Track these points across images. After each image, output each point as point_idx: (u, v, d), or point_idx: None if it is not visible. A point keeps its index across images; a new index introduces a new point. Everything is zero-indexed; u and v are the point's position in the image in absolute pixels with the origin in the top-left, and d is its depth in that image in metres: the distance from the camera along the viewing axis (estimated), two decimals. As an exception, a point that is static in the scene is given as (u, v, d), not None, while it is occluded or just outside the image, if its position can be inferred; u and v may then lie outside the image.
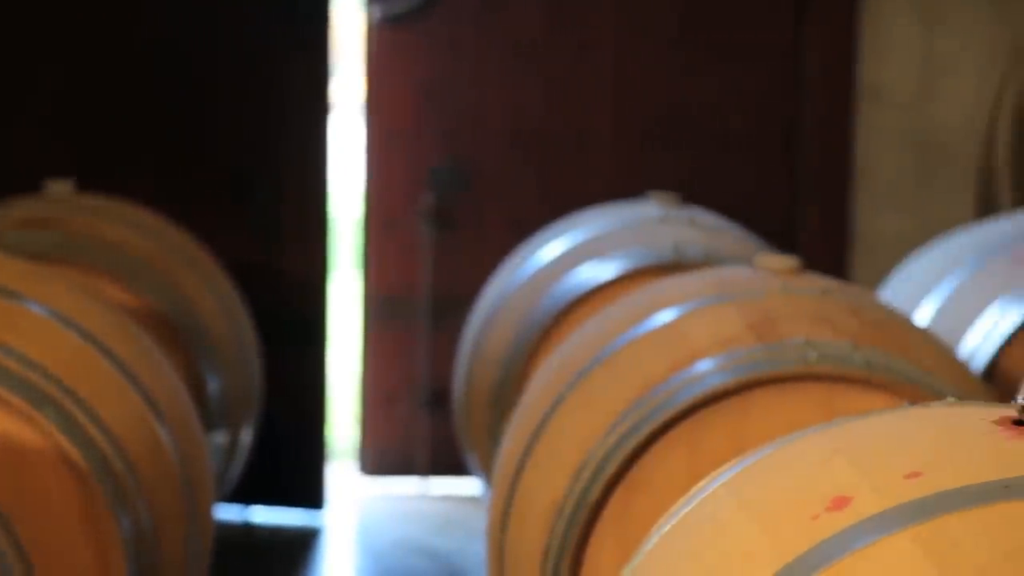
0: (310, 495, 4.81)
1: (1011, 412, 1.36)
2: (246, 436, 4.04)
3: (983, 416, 1.36)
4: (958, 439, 1.32)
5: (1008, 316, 3.47)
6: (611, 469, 2.28)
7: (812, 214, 5.52)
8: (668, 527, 1.45)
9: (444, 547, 4.56)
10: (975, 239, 3.90)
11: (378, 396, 5.24)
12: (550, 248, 3.90)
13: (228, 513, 4.65)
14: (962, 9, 5.48)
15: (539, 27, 5.32)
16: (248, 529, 4.67)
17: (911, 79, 5.51)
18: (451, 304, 5.09)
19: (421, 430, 5.17)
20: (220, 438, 3.80)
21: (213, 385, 3.74)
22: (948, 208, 5.48)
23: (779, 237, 4.79)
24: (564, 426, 2.45)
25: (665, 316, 2.54)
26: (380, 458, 5.21)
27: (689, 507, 1.44)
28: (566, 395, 2.49)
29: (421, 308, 5.20)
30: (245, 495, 4.59)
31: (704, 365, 2.34)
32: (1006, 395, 3.09)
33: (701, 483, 1.49)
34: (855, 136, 5.52)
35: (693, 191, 4.67)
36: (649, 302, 2.63)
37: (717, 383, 2.30)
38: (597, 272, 3.55)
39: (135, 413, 2.54)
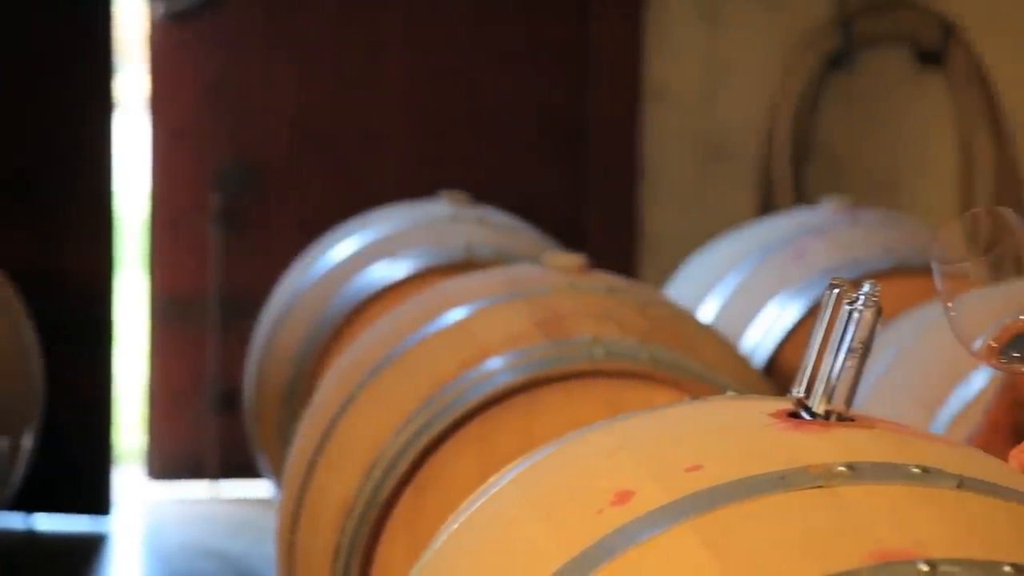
0: (96, 501, 4.71)
1: (787, 405, 1.40)
2: (27, 441, 3.94)
3: (761, 409, 1.39)
4: (737, 432, 1.36)
5: (787, 311, 3.56)
6: (402, 468, 2.29)
7: (600, 213, 5.59)
8: (456, 525, 1.46)
9: (234, 550, 4.52)
10: (756, 236, 3.99)
11: (166, 399, 5.16)
12: (341, 248, 3.89)
13: (10, 521, 4.53)
14: (743, 10, 5.60)
15: (328, 26, 5.29)
16: (31, 537, 4.56)
17: (694, 79, 5.61)
18: (240, 305, 5.04)
19: (211, 432, 5.10)
20: None
21: (-7, 390, 3.65)
22: (731, 206, 5.60)
23: (568, 235, 4.84)
24: (355, 425, 2.45)
25: (455, 315, 2.55)
26: (168, 461, 5.13)
27: (477, 504, 1.45)
28: (357, 394, 2.48)
29: (210, 309, 5.13)
30: (28, 502, 4.48)
31: (493, 363, 2.37)
32: (786, 388, 3.16)
33: (489, 480, 1.50)
34: (641, 135, 5.61)
35: (484, 190, 4.70)
36: (439, 301, 2.64)
37: (506, 381, 2.32)
38: (388, 271, 3.55)
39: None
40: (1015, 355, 1.37)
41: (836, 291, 1.37)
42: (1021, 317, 1.36)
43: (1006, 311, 1.35)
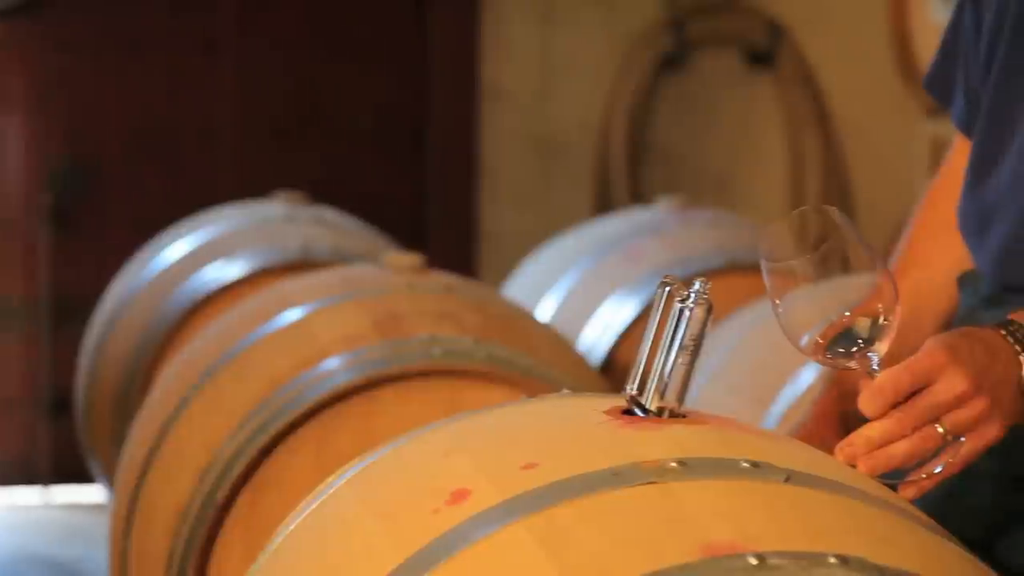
0: (-77, 508, 4.60)
1: (621, 402, 1.41)
2: None
3: (596, 407, 1.41)
4: (572, 430, 1.37)
5: (623, 310, 3.60)
6: (238, 470, 2.27)
7: (439, 212, 5.60)
8: (292, 526, 1.45)
9: (67, 556, 4.44)
10: (592, 235, 4.03)
11: (-4, 403, 5.05)
12: (175, 248, 3.84)
13: None
14: (577, 9, 5.65)
15: (161, 23, 5.22)
16: None
17: (530, 78, 5.65)
18: (72, 307, 4.95)
19: (42, 437, 5.01)
20: None
21: None
22: (569, 205, 5.64)
23: (407, 235, 4.84)
24: (190, 427, 2.42)
25: (291, 315, 2.54)
26: (-1, 467, 5.03)
27: (313, 506, 1.45)
28: (191, 396, 2.46)
29: (40, 312, 5.04)
30: None
31: (330, 364, 2.35)
32: (622, 386, 3.20)
33: (326, 481, 1.50)
34: (479, 135, 5.62)
35: (321, 190, 4.67)
36: (276, 301, 2.62)
37: (343, 381, 2.31)
38: (223, 272, 3.51)
39: None
40: (840, 351, 1.39)
41: (667, 289, 1.39)
42: (846, 314, 1.39)
43: (832, 308, 1.38)
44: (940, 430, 1.38)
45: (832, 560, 1.12)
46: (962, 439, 1.39)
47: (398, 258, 2.70)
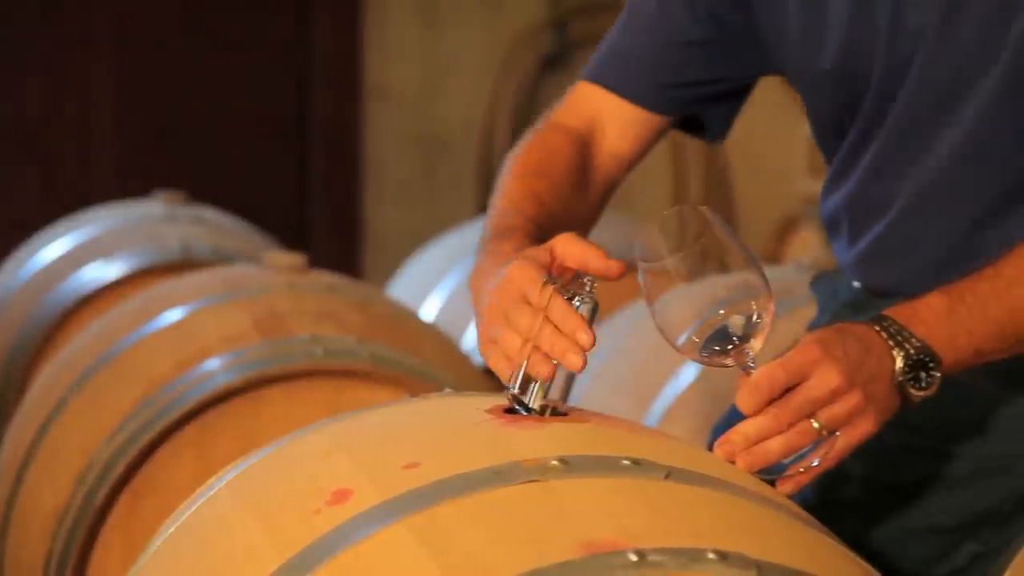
0: None
1: (504, 401, 1.41)
2: None
3: (478, 405, 1.41)
4: (454, 428, 1.37)
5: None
6: (117, 472, 2.24)
7: (324, 212, 5.58)
8: (172, 529, 1.44)
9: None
10: (477, 234, 4.03)
11: None
12: (52, 248, 3.78)
13: None
14: (461, 9, 5.65)
15: (36, 22, 5.15)
16: None
17: (414, 78, 5.64)
18: (-53, 308, 4.85)
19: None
20: None
21: None
22: (454, 204, 5.65)
23: (291, 235, 4.81)
24: (67, 430, 2.39)
25: (172, 315, 2.51)
26: None
27: (193, 508, 1.43)
28: (69, 398, 2.43)
29: (-85, 313, 4.94)
30: None
31: (211, 364, 2.33)
32: (506, 386, 3.21)
33: (206, 483, 1.49)
34: (363, 134, 5.61)
35: (202, 190, 4.63)
36: (155, 302, 2.60)
37: (224, 382, 2.30)
38: (101, 272, 3.47)
39: None
40: (716, 349, 1.41)
41: (552, 288, 1.40)
42: (720, 312, 1.40)
43: (706, 306, 1.39)
44: (815, 425, 1.39)
45: (711, 556, 1.13)
46: (837, 434, 1.41)
47: (280, 258, 2.68)
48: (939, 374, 1.44)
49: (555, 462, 1.24)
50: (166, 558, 1.40)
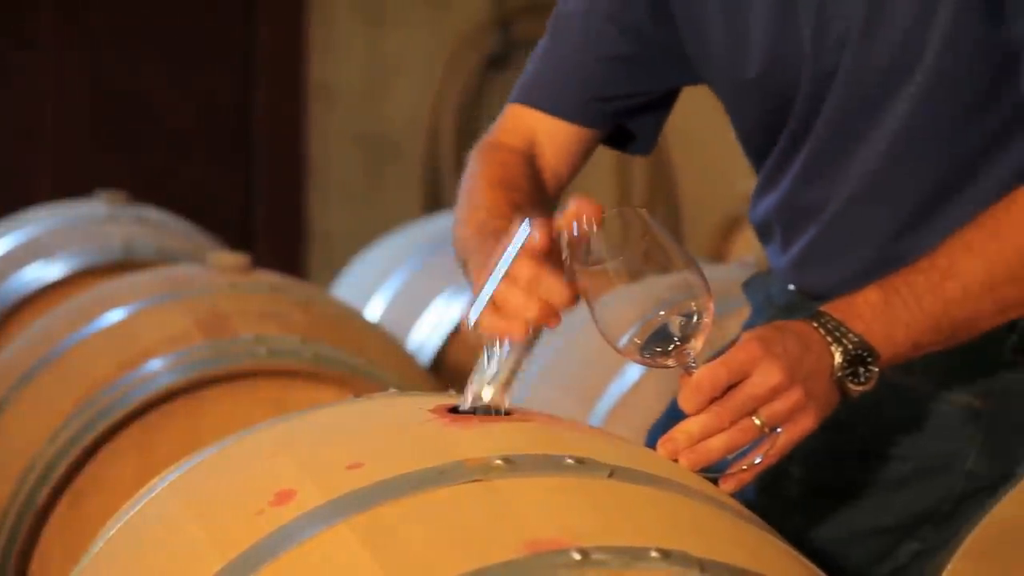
0: None
1: (448, 400, 1.41)
2: None
3: (423, 405, 1.41)
4: (398, 428, 1.37)
5: (452, 309, 3.60)
6: (58, 474, 2.23)
7: (268, 212, 5.56)
8: (114, 530, 1.43)
9: None
10: (422, 234, 4.03)
11: None
12: (-8, 248, 3.75)
13: None
14: (405, 9, 5.65)
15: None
16: None
17: (359, 78, 5.63)
18: None
19: None
20: None
21: None
22: (398, 204, 5.64)
23: (236, 235, 4.79)
24: (7, 431, 2.37)
25: (114, 316, 2.50)
26: None
27: (135, 509, 1.43)
28: (9, 398, 2.41)
29: None
30: None
31: (154, 364, 2.33)
32: (452, 385, 3.21)
33: (148, 484, 1.48)
34: (307, 134, 5.59)
35: (144, 189, 4.60)
36: (97, 302, 2.59)
37: (167, 382, 2.29)
38: (42, 273, 3.44)
39: None
40: (658, 349, 1.41)
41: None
42: (660, 313, 1.41)
43: (647, 308, 1.40)
44: (757, 422, 1.40)
45: (654, 554, 1.13)
46: (779, 430, 1.41)
47: (223, 258, 2.68)
48: (877, 369, 1.45)
49: (499, 461, 1.24)
50: (108, 559, 1.39)
